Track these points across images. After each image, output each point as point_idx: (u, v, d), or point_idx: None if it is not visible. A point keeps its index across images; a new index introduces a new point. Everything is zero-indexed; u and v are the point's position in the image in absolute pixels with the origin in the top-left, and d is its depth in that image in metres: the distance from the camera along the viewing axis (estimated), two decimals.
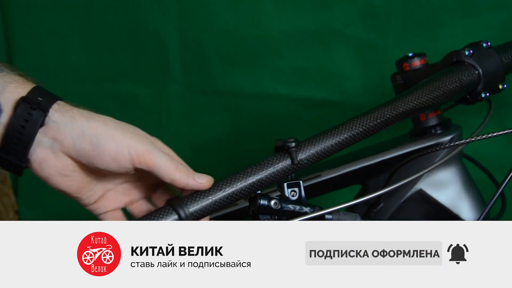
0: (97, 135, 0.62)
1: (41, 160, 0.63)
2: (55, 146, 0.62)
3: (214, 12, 1.36)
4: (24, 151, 0.61)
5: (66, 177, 0.64)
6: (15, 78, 0.63)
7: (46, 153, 0.63)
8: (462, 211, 0.87)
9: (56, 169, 0.63)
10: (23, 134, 0.61)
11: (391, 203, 0.88)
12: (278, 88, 1.31)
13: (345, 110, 1.27)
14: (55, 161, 0.63)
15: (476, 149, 1.08)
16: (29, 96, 0.61)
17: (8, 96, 0.61)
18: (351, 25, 1.22)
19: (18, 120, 0.60)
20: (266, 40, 1.31)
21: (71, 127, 0.62)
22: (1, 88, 0.62)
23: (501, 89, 0.79)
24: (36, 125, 0.61)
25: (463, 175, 0.89)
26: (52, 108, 0.62)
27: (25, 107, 0.61)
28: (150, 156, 0.63)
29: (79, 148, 0.62)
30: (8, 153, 0.62)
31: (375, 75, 1.23)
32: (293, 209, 0.64)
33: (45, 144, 0.62)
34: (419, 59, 0.88)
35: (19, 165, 0.63)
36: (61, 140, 0.62)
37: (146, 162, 0.63)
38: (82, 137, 0.62)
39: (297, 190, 0.65)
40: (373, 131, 0.72)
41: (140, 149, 0.62)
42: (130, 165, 0.63)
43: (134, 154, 0.62)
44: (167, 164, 0.63)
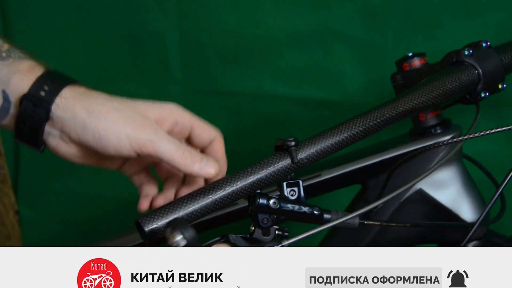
0: (98, 129, 0.63)
1: (54, 146, 0.65)
2: (64, 137, 0.64)
3: (214, 12, 1.36)
4: (36, 139, 0.64)
5: (82, 158, 0.66)
6: (20, 67, 0.63)
7: (57, 141, 0.65)
8: (462, 211, 0.87)
9: (70, 153, 0.66)
10: (31, 126, 0.63)
11: (391, 203, 0.88)
12: (278, 88, 1.31)
13: (345, 110, 1.27)
14: (67, 147, 0.65)
15: (476, 150, 1.08)
16: (31, 92, 0.62)
17: (13, 90, 0.63)
18: (351, 25, 1.22)
19: (24, 114, 0.63)
20: (266, 40, 1.31)
21: (74, 122, 0.63)
22: (6, 79, 0.63)
23: (501, 89, 0.79)
24: (41, 120, 0.63)
25: (463, 175, 0.89)
26: (54, 104, 0.63)
27: (28, 104, 0.62)
28: (152, 145, 0.63)
29: (84, 140, 0.63)
30: (24, 141, 0.64)
31: (375, 75, 1.23)
32: (292, 208, 0.64)
33: (55, 135, 0.64)
34: (419, 59, 0.88)
35: (38, 146, 0.65)
36: (68, 132, 0.64)
37: (149, 151, 0.63)
38: (85, 130, 0.63)
39: (297, 190, 0.65)
40: (373, 131, 0.72)
41: (142, 139, 0.63)
42: (134, 153, 0.63)
43: (135, 145, 0.63)
44: (171, 152, 0.63)
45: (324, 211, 0.65)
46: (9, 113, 0.64)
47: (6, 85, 0.63)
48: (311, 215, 0.64)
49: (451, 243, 0.88)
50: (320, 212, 0.64)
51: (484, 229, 0.88)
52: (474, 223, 0.77)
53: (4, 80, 0.63)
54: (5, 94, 0.63)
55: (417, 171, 0.88)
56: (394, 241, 0.91)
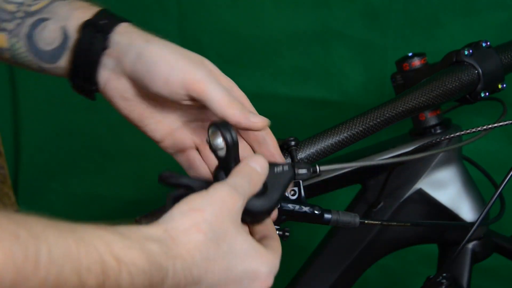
0: (152, 57, 0.61)
1: (105, 82, 0.64)
2: (116, 68, 0.63)
3: (214, 12, 1.36)
4: (91, 73, 0.63)
5: (127, 101, 0.64)
6: (80, 4, 0.64)
7: (109, 75, 0.63)
8: (462, 211, 0.87)
9: (118, 91, 0.64)
10: (89, 57, 0.62)
11: (391, 202, 0.88)
12: (278, 88, 1.31)
13: (345, 110, 1.27)
14: (116, 83, 0.63)
15: (476, 150, 1.08)
16: (93, 20, 0.63)
17: (73, 22, 0.63)
18: (351, 25, 1.22)
19: (83, 43, 0.62)
20: (266, 40, 1.31)
21: (130, 48, 0.62)
22: (67, 15, 0.63)
23: (501, 88, 0.80)
24: (100, 47, 0.62)
25: (463, 175, 0.89)
26: (114, 31, 0.62)
27: (89, 30, 0.62)
28: (204, 85, 0.59)
29: (135, 69, 0.61)
30: (78, 77, 0.63)
31: (375, 75, 1.23)
32: (292, 208, 0.64)
33: (109, 66, 0.63)
34: (419, 59, 0.88)
35: (89, 88, 0.64)
36: (121, 61, 0.62)
37: (199, 89, 0.59)
38: (139, 59, 0.61)
39: (297, 190, 0.65)
40: (373, 131, 0.72)
41: (195, 76, 0.60)
42: (182, 90, 0.60)
43: (187, 80, 0.59)
44: (221, 97, 0.59)
45: (324, 211, 0.65)
46: (66, 49, 0.64)
47: (67, 20, 0.63)
48: (311, 214, 0.64)
49: (451, 243, 0.88)
50: (320, 212, 0.64)
51: (484, 229, 0.88)
52: (474, 223, 0.77)
53: (65, 16, 0.63)
54: (64, 30, 0.63)
55: (417, 170, 0.88)
56: (394, 240, 0.91)
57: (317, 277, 0.91)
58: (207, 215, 0.51)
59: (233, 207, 0.53)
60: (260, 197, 0.57)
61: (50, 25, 0.63)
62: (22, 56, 0.65)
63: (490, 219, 0.85)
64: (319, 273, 0.91)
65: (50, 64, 0.65)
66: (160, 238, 0.49)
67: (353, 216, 0.66)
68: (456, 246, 0.79)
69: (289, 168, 0.60)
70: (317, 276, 0.91)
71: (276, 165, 0.59)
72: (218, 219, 0.52)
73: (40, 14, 0.64)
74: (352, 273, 0.92)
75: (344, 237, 0.91)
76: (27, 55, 0.65)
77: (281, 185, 0.59)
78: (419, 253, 1.27)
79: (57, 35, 0.63)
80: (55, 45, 0.64)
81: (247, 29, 1.32)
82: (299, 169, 0.61)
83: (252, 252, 0.54)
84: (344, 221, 0.65)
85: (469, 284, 0.85)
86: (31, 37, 0.64)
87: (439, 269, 0.89)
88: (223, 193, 0.53)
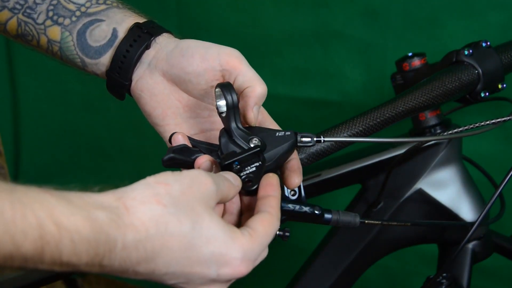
0: (189, 44, 0.65)
1: (139, 78, 0.67)
2: (152, 64, 0.66)
3: (214, 12, 1.36)
4: (128, 69, 0.66)
5: (154, 96, 0.67)
6: (134, 14, 0.70)
7: (143, 72, 0.67)
8: (461, 211, 0.87)
9: (148, 86, 0.66)
10: (129, 53, 0.66)
11: (391, 202, 0.88)
12: (278, 88, 1.31)
13: (345, 110, 1.27)
14: (148, 78, 0.66)
15: (476, 150, 1.08)
16: (143, 24, 0.67)
17: (124, 25, 0.68)
18: (351, 25, 1.22)
19: (127, 40, 0.67)
20: (266, 40, 1.31)
21: (168, 44, 0.66)
22: (120, 20, 0.69)
23: (501, 88, 0.80)
24: (142, 45, 0.66)
25: (463, 175, 0.89)
26: (160, 35, 0.67)
27: (136, 31, 0.67)
28: (239, 61, 0.63)
29: (171, 57, 0.65)
30: (115, 72, 0.67)
31: (375, 75, 1.23)
32: (292, 208, 0.64)
33: (145, 63, 0.67)
34: (419, 59, 0.88)
35: (123, 84, 0.67)
36: (157, 56, 0.66)
37: (234, 63, 0.63)
38: (175, 49, 0.65)
39: (297, 190, 0.65)
40: (373, 131, 0.72)
41: (231, 52, 0.64)
42: (218, 65, 0.63)
43: (223, 54, 0.63)
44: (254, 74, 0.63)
45: (324, 211, 0.65)
46: (111, 47, 0.68)
47: (119, 24, 0.68)
48: (312, 214, 0.64)
49: (451, 243, 0.89)
50: (321, 212, 0.64)
51: (484, 228, 0.88)
52: (474, 223, 0.77)
53: (118, 21, 0.69)
54: (114, 31, 0.68)
55: (417, 170, 0.88)
56: (394, 240, 0.91)
57: (317, 277, 0.91)
58: (172, 189, 0.49)
59: (204, 190, 0.51)
60: None
61: (103, 25, 0.69)
62: (69, 50, 0.69)
63: (490, 219, 0.85)
64: (319, 273, 0.91)
65: (93, 59, 0.69)
66: (110, 206, 0.46)
67: (353, 216, 0.66)
68: (456, 246, 0.79)
69: (291, 133, 0.61)
70: (317, 276, 0.91)
71: (278, 131, 0.61)
72: (185, 195, 0.49)
73: (96, 15, 0.69)
74: (352, 273, 0.92)
75: (344, 237, 0.91)
76: (73, 49, 0.69)
77: (281, 147, 0.60)
78: (419, 253, 1.27)
79: (107, 34, 0.68)
80: (102, 43, 0.68)
81: (247, 29, 1.32)
82: (302, 137, 0.61)
83: (221, 234, 0.50)
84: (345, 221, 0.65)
85: (469, 284, 0.85)
86: (83, 34, 0.69)
87: (439, 269, 0.89)
88: (196, 174, 0.51)
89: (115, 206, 0.46)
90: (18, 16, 0.71)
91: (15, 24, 0.71)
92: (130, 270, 0.47)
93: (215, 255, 0.49)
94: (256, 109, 0.62)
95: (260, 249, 0.52)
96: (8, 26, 0.72)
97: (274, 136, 0.60)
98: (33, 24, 0.70)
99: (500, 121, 0.72)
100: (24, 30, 0.71)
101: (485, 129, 0.73)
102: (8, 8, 0.71)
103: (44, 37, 0.71)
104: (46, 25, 0.70)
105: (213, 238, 0.49)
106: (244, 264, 0.51)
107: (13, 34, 0.72)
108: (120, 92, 0.68)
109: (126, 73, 0.67)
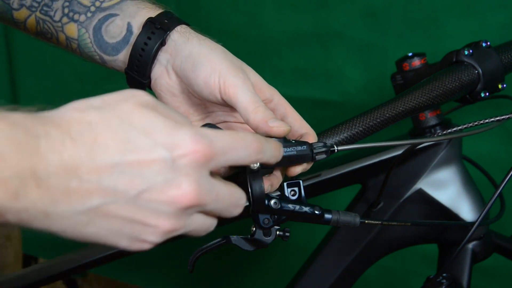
0: (200, 58, 0.65)
1: (157, 77, 0.67)
2: (169, 64, 0.67)
3: (214, 12, 1.36)
4: (145, 67, 0.66)
5: (174, 97, 0.68)
6: (147, 5, 0.69)
7: (162, 71, 0.67)
8: (461, 211, 0.87)
9: (167, 86, 0.67)
10: (145, 51, 0.66)
11: (391, 202, 0.88)
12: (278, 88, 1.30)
13: (345, 110, 1.27)
14: (167, 78, 0.67)
15: (477, 150, 1.08)
16: (156, 18, 0.67)
17: (138, 19, 0.67)
18: (351, 26, 1.22)
19: (142, 38, 0.66)
20: (266, 40, 1.31)
21: (184, 46, 0.66)
22: (134, 13, 0.68)
23: (501, 88, 0.80)
24: (157, 42, 0.66)
25: (463, 175, 0.89)
26: (173, 30, 0.66)
27: (150, 27, 0.66)
28: (235, 90, 0.63)
29: (183, 67, 0.65)
30: (133, 70, 0.67)
31: (375, 75, 1.23)
32: (293, 208, 0.64)
33: (163, 62, 0.67)
34: (419, 59, 0.88)
35: (142, 82, 0.67)
36: (174, 57, 0.66)
37: (230, 94, 0.63)
38: (189, 57, 0.65)
39: (297, 190, 0.65)
40: (373, 131, 0.72)
41: (230, 80, 0.63)
42: (218, 94, 0.64)
43: (222, 83, 0.63)
44: (247, 103, 0.63)
45: (325, 211, 0.65)
46: (127, 44, 0.68)
47: (133, 17, 0.68)
48: (312, 214, 0.64)
49: (451, 243, 0.89)
50: (321, 212, 0.64)
51: (484, 228, 0.88)
52: (474, 223, 0.77)
53: (132, 14, 0.68)
54: (129, 26, 0.68)
55: (417, 170, 0.88)
56: (394, 240, 0.91)
57: (317, 277, 0.91)
58: (95, 102, 0.46)
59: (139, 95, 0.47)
60: None
61: (117, 20, 0.68)
62: (87, 47, 0.70)
63: (490, 219, 0.85)
64: (319, 273, 0.91)
65: (110, 56, 0.69)
66: (28, 113, 0.44)
67: (354, 216, 0.66)
68: (456, 246, 0.79)
69: (306, 147, 0.62)
70: (317, 276, 0.91)
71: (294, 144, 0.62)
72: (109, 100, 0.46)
73: (110, 10, 0.68)
74: (352, 273, 0.92)
75: (344, 237, 0.91)
76: (91, 47, 0.69)
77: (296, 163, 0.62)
78: (419, 253, 1.27)
79: (122, 30, 0.68)
80: (118, 39, 0.68)
81: (248, 29, 1.32)
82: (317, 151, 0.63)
83: (159, 124, 0.45)
84: (345, 221, 0.65)
85: (469, 284, 0.85)
86: (99, 30, 0.69)
87: (439, 269, 0.89)
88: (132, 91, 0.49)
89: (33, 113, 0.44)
90: (35, 14, 0.71)
91: (33, 22, 0.71)
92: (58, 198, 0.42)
93: (159, 145, 0.44)
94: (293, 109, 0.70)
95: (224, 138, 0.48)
96: (27, 24, 0.72)
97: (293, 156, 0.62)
98: (50, 21, 0.70)
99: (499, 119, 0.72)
100: (42, 28, 0.71)
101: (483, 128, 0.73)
102: (26, 6, 0.71)
103: (62, 35, 0.70)
104: (63, 23, 0.70)
105: (150, 129, 0.45)
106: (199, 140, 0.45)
107: (33, 32, 0.72)
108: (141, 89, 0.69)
109: (144, 71, 0.67)
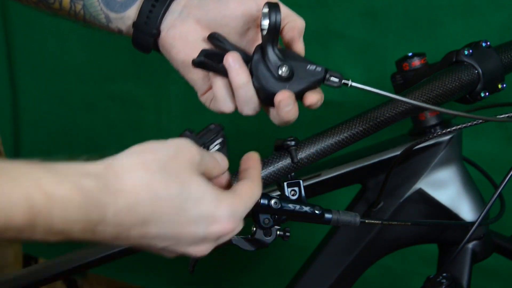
0: None
1: (169, 27, 0.67)
2: (183, 12, 0.67)
3: None
4: (156, 20, 0.66)
5: (188, 44, 0.67)
6: None
7: (174, 21, 0.67)
8: (461, 211, 0.87)
9: (181, 34, 0.67)
10: (158, 2, 0.66)
11: (391, 202, 0.88)
12: None
13: (345, 110, 1.27)
14: (181, 27, 0.67)
15: (477, 150, 1.08)
16: None
17: None
18: (351, 25, 1.22)
19: None
20: None
21: None
22: None
23: (501, 88, 0.80)
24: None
25: (463, 175, 0.89)
26: None
27: None
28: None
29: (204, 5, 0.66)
30: (142, 23, 0.67)
31: (375, 75, 1.23)
32: (293, 208, 0.64)
33: (176, 12, 0.67)
34: (419, 59, 0.88)
35: (150, 33, 0.67)
36: (189, 4, 0.66)
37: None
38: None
39: (297, 190, 0.65)
40: (373, 130, 0.72)
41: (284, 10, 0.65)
42: (255, 6, 0.65)
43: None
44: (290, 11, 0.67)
45: (325, 211, 0.65)
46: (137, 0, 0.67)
47: None
48: (312, 214, 0.64)
49: (451, 243, 0.88)
50: (321, 212, 0.64)
51: (484, 228, 0.88)
52: (474, 223, 0.77)
53: None
54: None
55: (417, 170, 0.88)
56: (394, 240, 0.91)
57: (317, 277, 0.91)
58: (159, 157, 0.50)
59: (190, 157, 0.52)
60: (280, 81, 0.61)
61: None
62: (92, 7, 0.69)
63: (490, 219, 0.85)
64: (319, 273, 0.91)
65: (118, 13, 0.68)
66: (99, 174, 0.47)
67: (354, 215, 0.66)
68: (456, 246, 0.79)
69: (321, 70, 0.64)
70: (317, 276, 0.91)
71: (310, 63, 0.63)
72: (171, 162, 0.51)
73: None
74: (352, 273, 0.92)
75: (344, 237, 0.91)
76: (97, 5, 0.69)
77: (307, 80, 0.63)
78: (419, 253, 1.26)
79: None
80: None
81: None
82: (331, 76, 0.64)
83: (207, 196, 0.52)
84: (345, 220, 0.65)
85: (469, 284, 0.85)
86: None
87: (439, 269, 0.89)
88: (181, 142, 0.53)
89: (103, 174, 0.47)
90: None
91: None
92: (123, 235, 0.48)
93: (203, 215, 0.52)
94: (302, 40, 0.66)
95: (244, 209, 0.55)
96: None
97: (304, 68, 0.63)
98: None
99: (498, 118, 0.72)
100: None
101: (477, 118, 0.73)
102: None
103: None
104: None
105: (201, 200, 0.51)
106: (231, 221, 0.53)
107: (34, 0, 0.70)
108: (147, 45, 0.68)
109: (154, 23, 0.67)
